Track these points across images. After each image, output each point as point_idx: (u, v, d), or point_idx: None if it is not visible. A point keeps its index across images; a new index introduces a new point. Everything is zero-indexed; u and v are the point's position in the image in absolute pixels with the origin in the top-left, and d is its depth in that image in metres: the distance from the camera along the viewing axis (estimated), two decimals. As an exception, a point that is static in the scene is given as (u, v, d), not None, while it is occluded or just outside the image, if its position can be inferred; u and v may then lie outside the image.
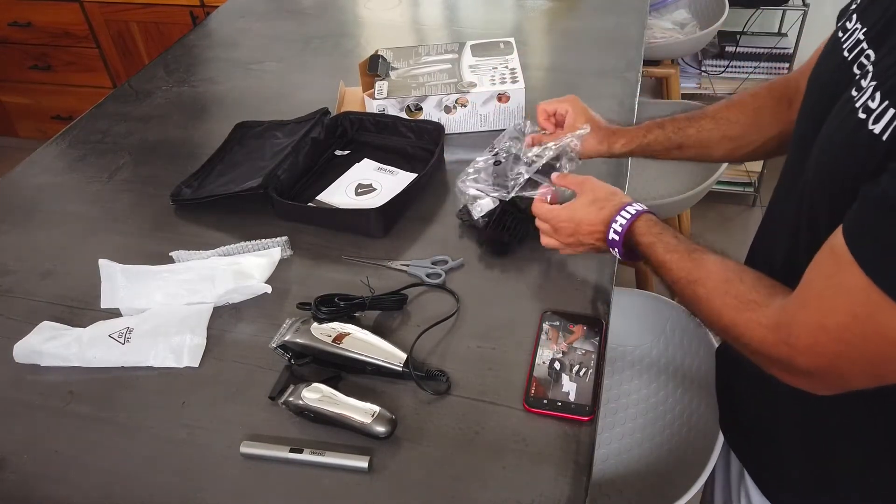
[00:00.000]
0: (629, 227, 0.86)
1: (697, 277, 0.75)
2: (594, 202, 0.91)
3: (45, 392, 0.88)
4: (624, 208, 0.88)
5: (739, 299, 0.70)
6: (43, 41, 2.69)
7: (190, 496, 0.76)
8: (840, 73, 0.67)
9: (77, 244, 1.11)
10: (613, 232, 0.87)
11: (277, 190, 1.11)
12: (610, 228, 0.88)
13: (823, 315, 0.60)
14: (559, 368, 0.85)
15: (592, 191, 0.93)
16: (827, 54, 0.72)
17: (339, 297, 0.92)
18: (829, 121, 0.65)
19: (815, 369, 0.63)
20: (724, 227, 2.48)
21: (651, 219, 0.86)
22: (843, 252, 0.57)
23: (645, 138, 1.03)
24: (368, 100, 1.27)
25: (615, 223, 0.87)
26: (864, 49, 0.64)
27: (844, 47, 0.68)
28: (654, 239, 0.83)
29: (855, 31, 0.67)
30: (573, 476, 0.75)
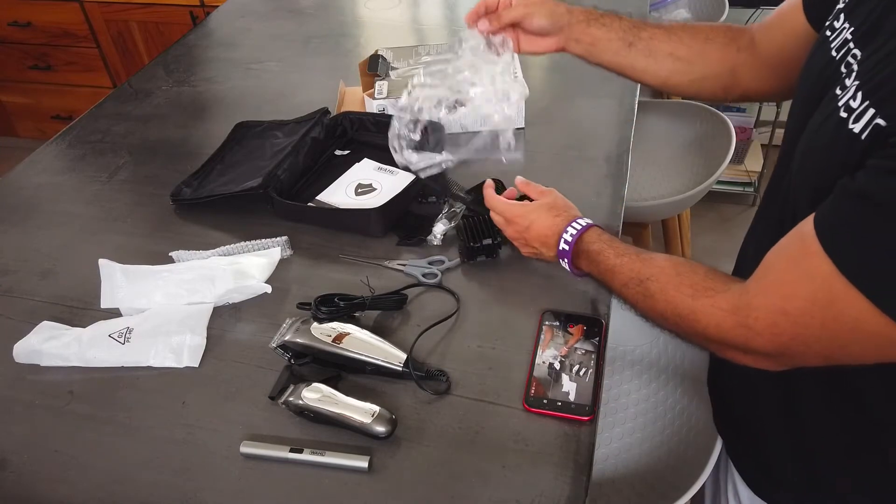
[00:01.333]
0: (579, 236, 0.87)
1: (649, 275, 0.77)
2: (551, 209, 0.92)
3: (45, 392, 0.88)
4: (576, 220, 0.89)
5: (695, 287, 0.72)
6: (43, 41, 2.69)
7: (190, 496, 0.76)
8: (827, 71, 0.67)
9: (77, 244, 1.11)
10: (564, 242, 0.88)
11: (277, 190, 1.11)
12: (560, 238, 0.89)
13: (784, 299, 0.62)
14: (559, 368, 0.85)
15: (552, 200, 0.94)
16: (815, 53, 0.73)
17: (338, 297, 0.92)
18: (812, 119, 0.66)
19: (773, 350, 0.65)
20: (724, 227, 2.48)
21: (600, 230, 0.88)
22: (811, 240, 0.58)
23: (602, 17, 0.98)
24: (368, 100, 1.27)
25: (566, 233, 0.88)
26: (851, 48, 0.65)
27: (832, 46, 0.68)
28: (604, 245, 0.84)
29: (843, 30, 0.68)
30: (573, 476, 0.75)
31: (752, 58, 0.92)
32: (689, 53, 0.96)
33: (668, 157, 1.79)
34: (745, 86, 0.94)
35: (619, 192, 1.14)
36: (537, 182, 1.16)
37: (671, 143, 1.81)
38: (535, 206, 0.94)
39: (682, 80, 0.98)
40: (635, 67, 0.98)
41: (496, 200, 0.97)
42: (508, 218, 0.95)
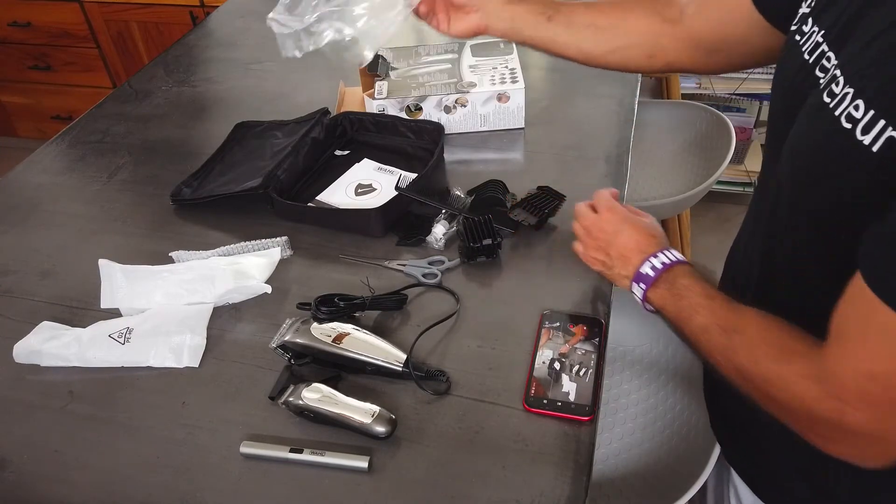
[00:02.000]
0: (670, 266, 0.79)
1: (737, 326, 0.69)
2: (647, 228, 0.86)
3: (45, 392, 0.88)
4: (670, 250, 0.82)
5: (781, 349, 0.65)
6: (42, 41, 2.69)
7: (190, 496, 0.76)
8: (803, 75, 0.67)
9: (77, 244, 1.11)
10: (650, 266, 0.80)
11: (277, 190, 1.11)
12: (646, 261, 0.81)
13: (868, 361, 0.57)
14: (559, 368, 0.85)
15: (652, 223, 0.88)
16: (786, 58, 0.73)
17: (338, 297, 0.92)
18: (798, 123, 0.66)
19: (871, 426, 0.58)
20: (723, 227, 2.48)
21: (693, 268, 0.80)
22: (870, 296, 0.55)
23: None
24: (368, 100, 1.27)
25: (655, 258, 0.80)
26: (825, 51, 0.65)
27: (804, 50, 0.68)
28: (693, 281, 0.76)
29: (812, 33, 0.68)
30: (573, 476, 0.75)
31: (678, 31, 0.92)
32: (609, 23, 0.95)
33: (668, 157, 1.79)
34: (669, 58, 0.94)
35: (619, 192, 1.14)
36: (534, 181, 1.16)
37: (671, 143, 1.81)
38: (635, 219, 0.87)
39: (604, 50, 0.96)
40: (556, 41, 0.97)
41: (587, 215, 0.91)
42: (592, 232, 0.89)
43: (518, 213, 1.06)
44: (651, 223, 0.88)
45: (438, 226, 1.05)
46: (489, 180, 1.12)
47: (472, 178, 1.15)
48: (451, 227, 1.06)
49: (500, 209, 1.07)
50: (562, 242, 1.05)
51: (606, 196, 0.91)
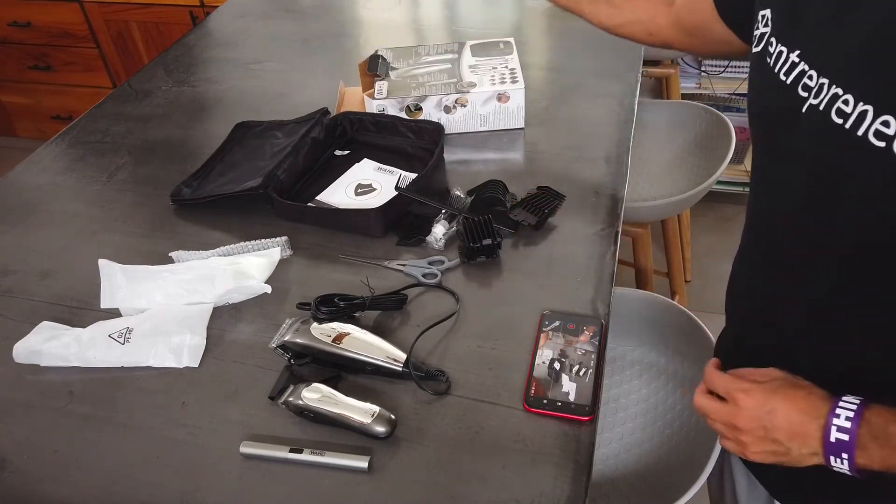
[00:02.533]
0: (861, 416, 0.62)
1: None
2: (796, 383, 0.68)
3: (44, 392, 0.88)
4: (839, 398, 0.64)
5: None
6: (42, 41, 2.68)
7: (190, 496, 0.76)
8: (784, 97, 0.66)
9: (77, 244, 1.11)
10: (837, 429, 0.62)
11: (277, 190, 1.11)
12: (829, 424, 0.63)
13: None
14: (559, 368, 0.85)
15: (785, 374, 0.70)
16: (761, 84, 0.72)
17: (338, 297, 0.92)
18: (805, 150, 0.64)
19: None
20: (724, 227, 2.48)
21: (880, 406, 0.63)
22: None
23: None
24: (368, 100, 1.27)
25: (835, 416, 0.63)
26: (806, 70, 0.64)
27: (779, 72, 0.67)
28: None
29: (782, 53, 0.67)
30: (573, 476, 0.75)
31: (670, 13, 1.01)
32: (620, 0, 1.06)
33: (668, 157, 1.79)
34: (664, 36, 1.03)
35: (619, 192, 1.14)
36: (534, 181, 1.15)
37: (671, 143, 1.81)
38: (773, 385, 0.68)
39: (615, 23, 1.07)
40: (581, 8, 1.09)
41: (718, 377, 0.73)
42: (735, 397, 0.70)
43: (518, 213, 1.06)
44: (784, 376, 0.70)
45: (438, 226, 1.05)
46: (489, 180, 1.12)
47: (472, 178, 1.15)
48: (451, 227, 1.06)
49: (500, 209, 1.07)
50: (562, 242, 1.05)
51: (719, 376, 0.73)
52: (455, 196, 1.10)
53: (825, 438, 0.63)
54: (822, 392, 0.66)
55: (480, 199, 1.09)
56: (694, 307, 1.37)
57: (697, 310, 1.29)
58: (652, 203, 1.60)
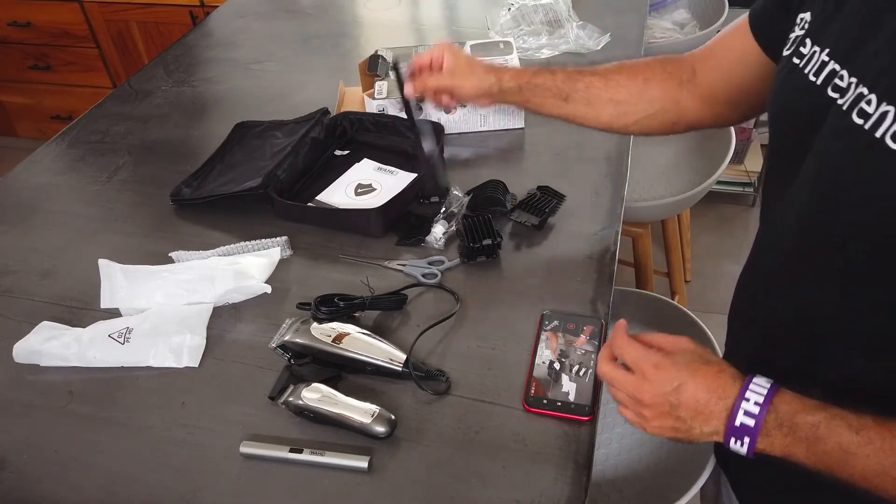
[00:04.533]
0: (770, 402, 0.61)
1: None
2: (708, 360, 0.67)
3: (44, 392, 0.88)
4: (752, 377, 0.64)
5: None
6: (43, 41, 2.69)
7: (189, 496, 0.76)
8: (812, 98, 0.63)
9: (77, 244, 1.11)
10: (744, 413, 0.62)
11: (277, 190, 1.11)
12: (736, 409, 0.62)
13: None
14: (559, 368, 0.85)
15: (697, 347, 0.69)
16: (786, 84, 0.69)
17: (338, 297, 0.92)
18: (823, 156, 0.62)
19: None
20: (723, 227, 2.48)
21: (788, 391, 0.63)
22: None
23: (534, 78, 0.96)
24: (368, 100, 1.27)
25: (744, 401, 0.62)
26: (836, 70, 0.61)
27: (808, 72, 0.65)
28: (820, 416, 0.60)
29: (815, 53, 0.65)
30: (573, 476, 0.75)
31: (695, 89, 0.89)
32: (628, 96, 0.93)
33: (668, 157, 1.79)
34: (691, 118, 0.92)
35: (619, 192, 1.14)
36: (534, 181, 1.15)
37: (671, 144, 1.81)
38: (685, 358, 0.67)
39: (627, 122, 0.94)
40: (576, 116, 0.96)
41: (627, 345, 0.70)
42: (643, 369, 0.67)
43: (518, 213, 1.06)
44: (696, 350, 0.68)
45: (438, 226, 1.05)
46: (489, 180, 1.12)
47: (472, 178, 1.15)
48: (451, 226, 1.06)
49: (500, 209, 1.07)
50: (562, 242, 1.05)
51: (628, 344, 0.70)
52: (455, 196, 1.10)
53: (730, 421, 0.63)
54: (733, 371, 0.65)
55: (480, 199, 1.09)
56: (694, 307, 1.37)
57: (697, 310, 1.29)
58: (652, 203, 1.60)
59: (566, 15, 1.55)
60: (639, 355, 0.68)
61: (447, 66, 0.98)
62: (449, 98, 1.01)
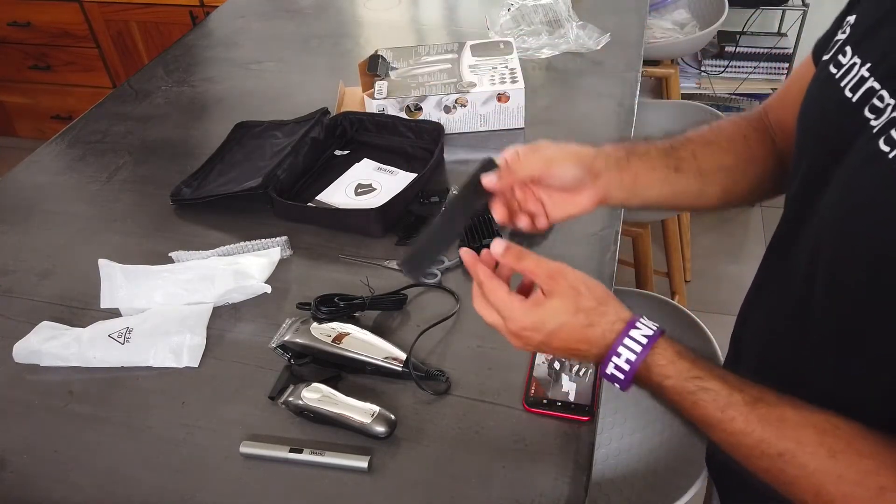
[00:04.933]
0: (642, 361, 0.62)
1: (783, 450, 0.55)
2: (577, 312, 0.64)
3: (44, 392, 0.88)
4: (626, 332, 0.62)
5: (862, 485, 0.52)
6: (42, 41, 2.69)
7: (189, 496, 0.76)
8: (846, 116, 0.57)
9: (77, 244, 1.11)
10: (615, 367, 0.63)
11: (277, 190, 1.11)
12: (608, 358, 0.63)
13: None
14: (559, 368, 0.85)
15: (572, 295, 0.64)
16: (819, 95, 0.63)
17: (338, 297, 0.92)
18: (847, 180, 0.56)
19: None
20: (723, 227, 2.49)
21: (673, 347, 0.62)
22: None
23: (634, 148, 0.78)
24: (368, 100, 1.27)
25: (616, 356, 0.62)
26: (876, 89, 0.55)
27: (845, 86, 0.58)
28: (689, 385, 0.60)
29: (854, 65, 0.58)
30: (573, 476, 0.75)
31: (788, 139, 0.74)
32: (735, 160, 0.80)
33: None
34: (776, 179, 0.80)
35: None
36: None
37: (671, 144, 1.80)
38: (551, 311, 0.64)
39: (741, 191, 0.80)
40: (688, 193, 0.79)
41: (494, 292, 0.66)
42: (511, 328, 0.65)
43: None
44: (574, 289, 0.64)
45: None
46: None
47: (472, 178, 1.15)
48: None
49: None
50: (562, 242, 1.05)
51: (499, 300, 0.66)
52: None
53: (602, 361, 0.64)
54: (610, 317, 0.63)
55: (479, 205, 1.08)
56: (694, 307, 1.37)
57: (697, 309, 1.29)
58: (652, 203, 1.60)
59: (566, 15, 1.55)
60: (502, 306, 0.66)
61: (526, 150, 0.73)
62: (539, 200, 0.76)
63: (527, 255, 0.65)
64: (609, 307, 0.64)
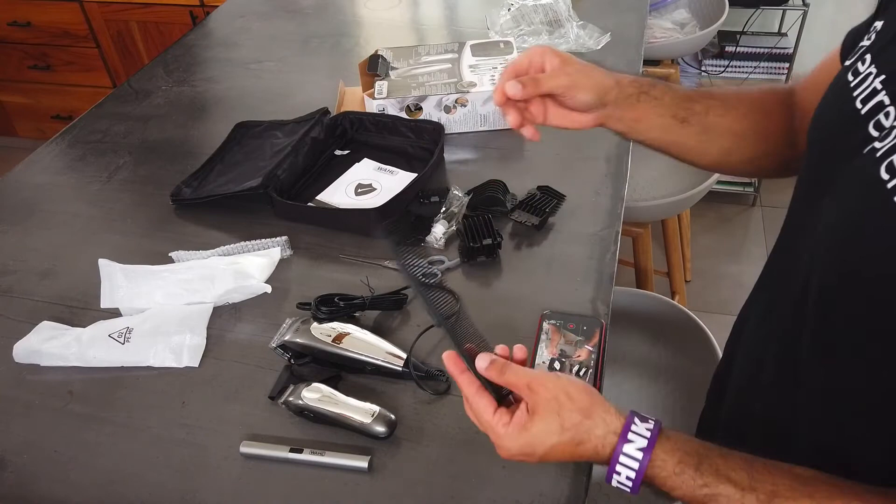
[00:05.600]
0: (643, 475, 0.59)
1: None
2: (563, 431, 0.61)
3: (44, 392, 0.88)
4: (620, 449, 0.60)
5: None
6: (42, 41, 2.69)
7: (189, 496, 0.76)
8: (851, 128, 0.55)
9: (77, 244, 1.11)
10: (617, 482, 0.61)
11: (277, 190, 1.11)
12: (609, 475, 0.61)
13: None
14: (559, 368, 0.85)
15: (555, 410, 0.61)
16: (833, 101, 0.61)
17: (338, 296, 0.92)
18: (845, 195, 0.54)
19: None
20: (723, 227, 2.49)
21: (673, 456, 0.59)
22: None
23: (652, 89, 0.80)
24: (368, 99, 1.27)
25: (616, 474, 0.60)
26: (885, 104, 0.53)
27: (857, 96, 0.56)
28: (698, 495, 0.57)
29: (869, 75, 0.55)
30: (573, 476, 0.75)
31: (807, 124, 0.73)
32: (748, 128, 0.79)
33: (667, 157, 1.78)
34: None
35: (619, 192, 1.14)
36: (534, 181, 1.15)
37: (671, 143, 1.80)
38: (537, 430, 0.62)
39: (741, 159, 0.81)
40: (686, 145, 0.81)
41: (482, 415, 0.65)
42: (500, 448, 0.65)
43: (519, 213, 1.06)
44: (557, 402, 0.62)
45: (438, 226, 1.05)
46: (489, 180, 1.12)
47: (472, 178, 1.15)
48: (451, 226, 1.06)
49: (500, 209, 1.07)
50: (562, 242, 1.05)
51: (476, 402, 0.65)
52: (455, 196, 1.10)
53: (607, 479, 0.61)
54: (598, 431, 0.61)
55: (480, 199, 1.09)
56: (694, 307, 1.37)
57: (698, 309, 1.29)
58: (652, 203, 1.60)
59: (566, 15, 1.55)
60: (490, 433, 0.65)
61: (555, 65, 0.78)
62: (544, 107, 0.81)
63: (507, 368, 0.64)
64: (595, 418, 0.61)
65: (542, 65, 0.79)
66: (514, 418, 0.63)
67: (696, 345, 1.20)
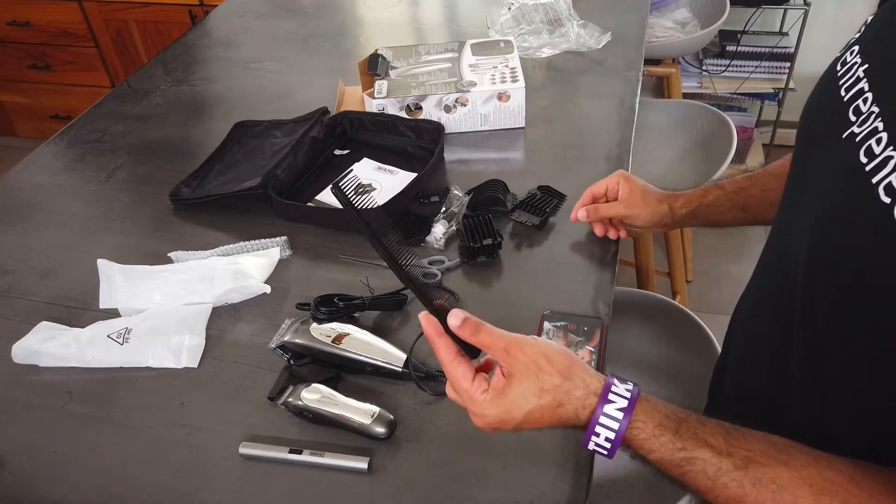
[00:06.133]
0: (622, 437, 0.59)
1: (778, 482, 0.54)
2: (542, 394, 0.60)
3: (43, 392, 0.88)
4: (601, 409, 0.59)
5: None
6: (42, 40, 2.68)
7: (189, 497, 0.76)
8: (834, 115, 0.57)
9: (76, 244, 1.11)
10: (595, 444, 0.60)
11: (276, 189, 1.11)
12: (587, 438, 0.60)
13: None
14: (559, 369, 0.85)
15: (533, 373, 0.60)
16: (822, 88, 0.63)
17: (338, 297, 0.92)
18: (823, 186, 0.56)
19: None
20: (724, 226, 2.48)
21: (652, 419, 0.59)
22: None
23: (704, 198, 0.95)
24: (368, 99, 1.27)
25: (594, 436, 0.60)
26: (864, 91, 0.54)
27: (842, 84, 0.58)
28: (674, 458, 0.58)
29: (854, 66, 0.57)
30: (573, 476, 0.75)
31: None
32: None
33: (668, 156, 1.78)
34: None
35: (620, 191, 1.13)
36: (534, 181, 1.15)
37: (672, 143, 1.80)
38: (515, 395, 0.60)
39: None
40: (746, 222, 0.94)
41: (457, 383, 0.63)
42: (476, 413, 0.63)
43: (519, 213, 1.06)
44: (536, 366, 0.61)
45: (438, 225, 1.05)
46: (489, 180, 1.12)
47: (472, 177, 1.15)
48: (451, 226, 1.05)
49: (500, 209, 1.07)
50: (562, 242, 1.05)
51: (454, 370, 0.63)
52: (455, 195, 1.10)
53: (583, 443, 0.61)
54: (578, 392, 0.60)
55: (480, 199, 1.09)
56: (695, 307, 1.37)
57: (698, 309, 1.28)
58: (652, 202, 1.59)
59: (567, 14, 1.55)
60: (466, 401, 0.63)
61: (623, 195, 0.97)
62: (617, 228, 1.02)
63: (482, 329, 0.62)
64: (575, 380, 0.60)
65: (615, 191, 0.98)
66: (491, 384, 0.62)
67: (697, 345, 1.19)
